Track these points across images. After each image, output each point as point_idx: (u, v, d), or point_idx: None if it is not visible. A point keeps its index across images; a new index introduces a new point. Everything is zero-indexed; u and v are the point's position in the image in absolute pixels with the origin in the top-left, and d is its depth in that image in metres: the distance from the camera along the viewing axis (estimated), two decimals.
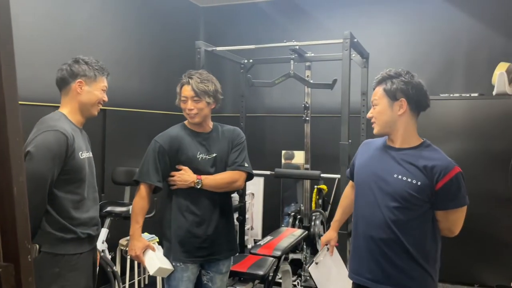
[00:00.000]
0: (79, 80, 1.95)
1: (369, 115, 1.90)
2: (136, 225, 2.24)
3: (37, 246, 1.78)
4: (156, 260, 2.20)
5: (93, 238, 2.03)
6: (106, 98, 2.06)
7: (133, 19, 4.34)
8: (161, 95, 4.69)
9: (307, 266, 2.23)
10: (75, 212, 1.89)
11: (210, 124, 2.39)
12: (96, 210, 2.05)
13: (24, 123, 0.86)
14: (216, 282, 2.35)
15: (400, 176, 1.77)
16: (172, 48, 4.87)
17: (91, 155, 2.06)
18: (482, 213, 4.04)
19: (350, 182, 2.21)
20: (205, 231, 2.26)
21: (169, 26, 4.87)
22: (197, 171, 2.24)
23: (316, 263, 2.26)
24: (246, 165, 2.36)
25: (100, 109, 2.09)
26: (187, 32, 5.19)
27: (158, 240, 3.73)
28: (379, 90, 1.85)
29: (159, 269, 2.18)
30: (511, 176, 3.94)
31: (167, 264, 2.22)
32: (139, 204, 2.24)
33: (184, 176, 2.22)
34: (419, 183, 1.73)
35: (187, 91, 2.23)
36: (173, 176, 2.24)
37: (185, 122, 2.36)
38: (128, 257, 3.53)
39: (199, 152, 2.26)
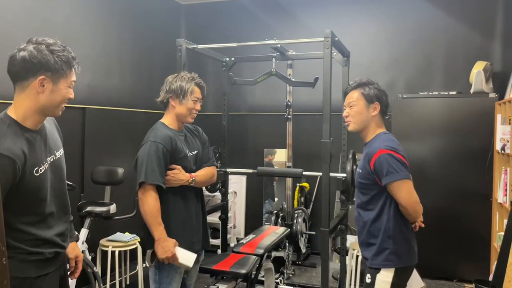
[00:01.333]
0: (41, 76, 1.52)
1: (344, 114, 2.21)
2: (160, 227, 2.17)
3: None
4: (187, 252, 2.23)
5: (60, 255, 1.71)
6: (72, 95, 1.64)
7: (113, 16, 4.28)
8: (141, 93, 4.64)
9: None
10: (37, 231, 1.58)
11: None
12: (66, 220, 1.75)
13: None
14: (191, 273, 2.46)
15: (358, 169, 2.18)
16: (153, 46, 4.82)
17: (58, 155, 1.71)
18: (461, 209, 4.12)
19: None
20: (197, 225, 2.39)
21: (150, 24, 4.82)
22: (185, 169, 2.32)
23: None
24: (214, 159, 2.61)
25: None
26: (168, 29, 5.14)
27: (139, 239, 3.70)
28: (356, 93, 2.18)
29: (196, 259, 2.26)
30: (488, 173, 4.03)
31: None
32: (156, 205, 2.17)
33: (179, 175, 2.27)
34: (360, 170, 2.13)
35: (199, 93, 2.36)
36: (167, 175, 2.26)
37: (163, 122, 2.36)
38: (111, 252, 3.49)
39: (188, 151, 2.36)
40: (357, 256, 3.70)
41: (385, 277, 2.02)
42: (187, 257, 2.22)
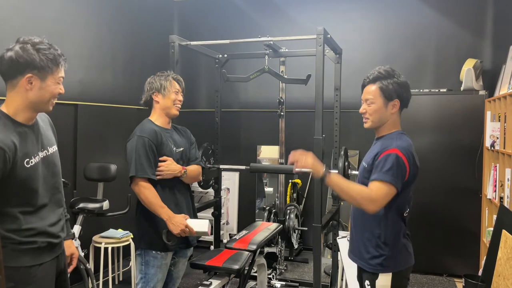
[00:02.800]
0: (28, 74, 1.57)
1: (361, 110, 2.04)
2: (163, 209, 2.28)
3: None
4: (199, 220, 2.34)
5: (56, 246, 1.74)
6: (62, 91, 1.69)
7: (106, 12, 4.25)
8: (134, 90, 4.62)
9: (337, 238, 2.35)
10: (29, 223, 1.62)
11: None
12: (59, 213, 1.79)
13: None
14: (178, 266, 2.55)
15: (364, 163, 2.01)
16: (146, 43, 4.81)
17: (51, 151, 1.76)
18: (451, 205, 4.17)
19: None
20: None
21: (143, 21, 4.80)
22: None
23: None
24: (201, 160, 2.71)
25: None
26: (160, 26, 5.12)
27: (132, 236, 3.70)
28: (374, 88, 1.98)
29: (209, 226, 2.34)
30: (478, 169, 4.08)
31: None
32: (152, 193, 2.29)
33: (172, 166, 2.37)
34: (366, 165, 1.97)
35: (178, 85, 2.48)
36: (159, 166, 2.34)
37: (150, 119, 2.46)
38: (104, 246, 3.50)
39: (173, 146, 2.44)
40: None
41: (384, 281, 1.95)
42: (201, 225, 2.31)
